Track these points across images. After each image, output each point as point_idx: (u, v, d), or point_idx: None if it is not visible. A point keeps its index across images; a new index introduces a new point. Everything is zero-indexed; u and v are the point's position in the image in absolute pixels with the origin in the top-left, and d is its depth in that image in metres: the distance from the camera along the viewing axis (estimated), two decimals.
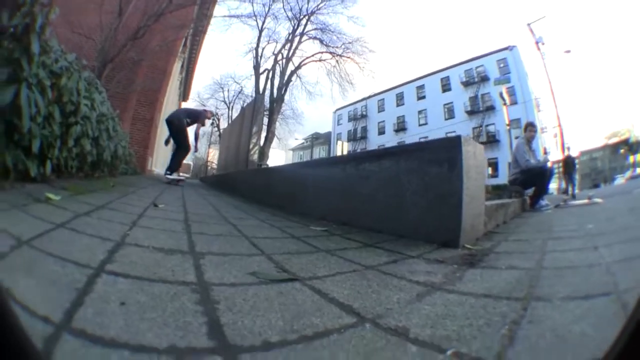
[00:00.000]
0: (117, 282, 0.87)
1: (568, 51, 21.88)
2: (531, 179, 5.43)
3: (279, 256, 1.41)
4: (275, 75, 22.44)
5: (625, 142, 50.99)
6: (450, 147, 1.87)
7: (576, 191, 11.72)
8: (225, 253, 1.38)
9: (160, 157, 16.22)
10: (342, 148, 22.51)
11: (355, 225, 2.27)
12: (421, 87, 37.36)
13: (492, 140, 29.74)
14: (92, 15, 7.74)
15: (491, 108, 30.21)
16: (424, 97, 36.91)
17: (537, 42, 20.14)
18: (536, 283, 1.12)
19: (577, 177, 15.24)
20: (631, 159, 50.15)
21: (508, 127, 13.77)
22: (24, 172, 2.02)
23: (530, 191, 5.52)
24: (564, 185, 13.91)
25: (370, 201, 2.28)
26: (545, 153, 30.36)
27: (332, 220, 2.45)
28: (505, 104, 13.24)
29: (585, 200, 6.25)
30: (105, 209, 2.00)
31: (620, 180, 40.19)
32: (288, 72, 22.64)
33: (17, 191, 1.79)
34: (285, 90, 22.82)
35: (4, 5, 1.77)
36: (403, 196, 2.05)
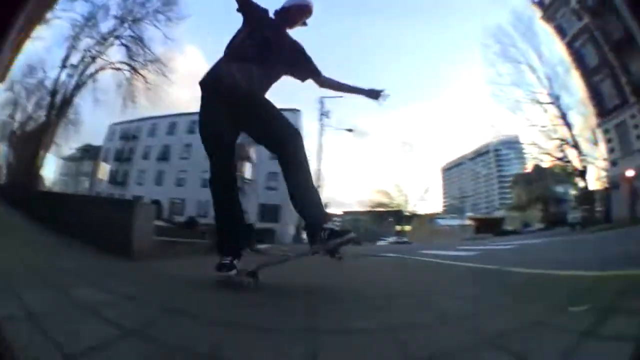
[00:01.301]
0: None
1: (350, 130, 29.42)
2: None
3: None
4: (74, 75, 21.73)
5: (396, 213, 61.17)
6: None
7: None
8: None
9: None
10: (102, 171, 22.97)
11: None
12: (195, 122, 40.09)
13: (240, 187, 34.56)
14: None
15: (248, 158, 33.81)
16: (193, 132, 38.94)
17: (322, 114, 26.46)
18: None
19: None
20: (397, 227, 60.74)
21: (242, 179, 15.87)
22: None
23: None
24: None
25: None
26: None
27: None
28: (251, 163, 15.39)
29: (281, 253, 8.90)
30: None
31: (383, 242, 48.29)
32: (86, 74, 22.23)
33: None
34: (77, 92, 22.21)
35: None
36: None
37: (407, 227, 59.01)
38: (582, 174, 28.80)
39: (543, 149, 31.46)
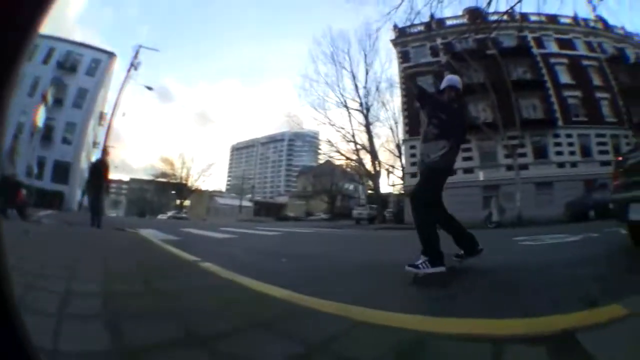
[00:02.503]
0: None
1: (150, 88, 26.34)
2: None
3: None
4: None
5: (179, 186, 60.12)
6: None
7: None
8: None
9: None
10: None
11: None
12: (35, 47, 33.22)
13: (49, 137, 30.37)
14: None
15: (59, 101, 31.19)
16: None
17: (132, 64, 22.84)
18: None
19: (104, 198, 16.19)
20: (177, 201, 61.24)
21: (35, 126, 14.08)
22: None
23: None
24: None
25: None
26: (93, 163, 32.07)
27: None
28: (46, 105, 14.03)
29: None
30: None
31: (164, 216, 47.59)
32: None
33: None
34: None
35: None
36: None
37: (187, 202, 60.67)
38: (374, 178, 32.27)
39: (338, 148, 33.09)
